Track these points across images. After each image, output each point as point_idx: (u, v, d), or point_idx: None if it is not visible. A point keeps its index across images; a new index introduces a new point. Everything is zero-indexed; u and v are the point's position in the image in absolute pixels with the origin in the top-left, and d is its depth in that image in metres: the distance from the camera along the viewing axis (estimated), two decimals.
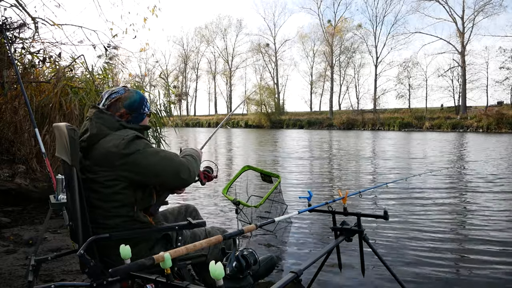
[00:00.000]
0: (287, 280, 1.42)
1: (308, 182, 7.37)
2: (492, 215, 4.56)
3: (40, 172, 4.91)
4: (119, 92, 1.79)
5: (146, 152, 1.63)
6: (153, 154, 1.64)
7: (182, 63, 62.93)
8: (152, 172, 1.63)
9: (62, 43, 5.55)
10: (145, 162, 1.62)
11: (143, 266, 1.18)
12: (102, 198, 1.63)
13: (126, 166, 1.60)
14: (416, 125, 34.42)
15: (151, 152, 1.65)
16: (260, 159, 11.90)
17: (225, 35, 59.25)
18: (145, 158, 1.62)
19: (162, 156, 1.66)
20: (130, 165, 1.60)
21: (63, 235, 3.60)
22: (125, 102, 1.76)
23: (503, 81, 37.35)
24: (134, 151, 1.61)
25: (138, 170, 1.62)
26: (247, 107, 48.38)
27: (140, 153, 1.62)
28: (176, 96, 48.83)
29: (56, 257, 2.10)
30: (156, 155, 1.65)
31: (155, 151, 1.67)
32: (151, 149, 1.67)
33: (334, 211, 2.20)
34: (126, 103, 1.76)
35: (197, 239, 1.91)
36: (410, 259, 3.18)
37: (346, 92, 49.81)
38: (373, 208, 5.05)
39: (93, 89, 5.18)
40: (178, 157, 1.73)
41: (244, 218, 3.62)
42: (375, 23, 46.03)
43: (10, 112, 5.16)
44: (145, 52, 41.82)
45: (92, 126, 1.68)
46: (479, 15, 38.18)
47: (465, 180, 7.43)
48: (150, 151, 1.65)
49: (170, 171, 1.66)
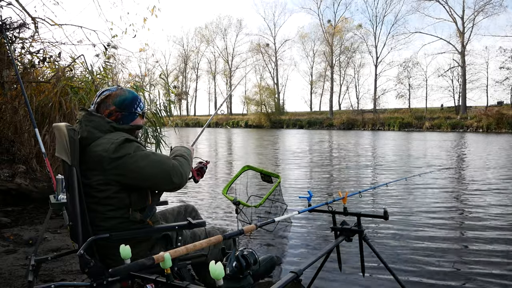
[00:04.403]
0: (287, 280, 1.42)
1: (308, 182, 7.37)
2: (492, 215, 4.56)
3: (40, 172, 4.91)
4: (111, 89, 1.78)
5: (136, 156, 1.60)
6: (144, 158, 1.61)
7: (182, 63, 63.01)
8: (142, 176, 1.60)
9: (62, 43, 5.56)
10: (135, 166, 1.59)
11: (143, 266, 1.18)
12: (97, 202, 1.63)
13: (116, 170, 1.58)
14: (416, 125, 34.41)
15: (141, 155, 1.61)
16: (260, 159, 11.90)
17: (225, 35, 59.35)
18: (135, 162, 1.59)
19: (153, 159, 1.62)
20: (120, 169, 1.58)
21: (63, 235, 3.60)
22: (115, 99, 1.74)
23: (503, 81, 37.36)
24: (124, 155, 1.58)
25: (128, 174, 1.59)
26: (247, 107, 48.40)
27: (130, 157, 1.59)
28: (176, 96, 48.80)
29: (56, 257, 2.10)
30: (147, 159, 1.61)
31: (146, 154, 1.63)
32: (142, 152, 1.63)
33: (334, 211, 2.20)
34: (117, 100, 1.74)
35: (197, 239, 1.91)
36: (410, 259, 3.17)
37: (346, 92, 49.90)
38: (373, 208, 5.05)
39: (93, 89, 5.18)
40: (169, 160, 1.67)
41: (244, 218, 3.62)
42: (375, 23, 46.06)
43: (10, 112, 5.16)
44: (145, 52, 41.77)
45: (82, 129, 1.66)
46: (479, 15, 38.21)
47: (465, 180, 7.43)
48: (140, 154, 1.61)
49: (161, 175, 1.62)
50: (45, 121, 5.00)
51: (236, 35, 61.23)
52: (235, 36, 61.79)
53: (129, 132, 1.74)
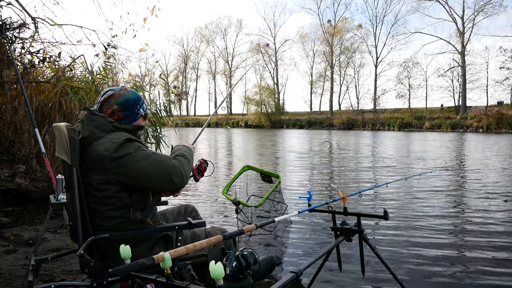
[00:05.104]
0: (287, 280, 1.42)
1: (308, 182, 7.37)
2: (492, 215, 4.56)
3: (40, 172, 4.91)
4: (115, 89, 1.78)
5: (137, 156, 1.60)
6: (144, 158, 1.61)
7: (182, 63, 63.03)
8: (143, 176, 1.60)
9: (62, 43, 5.56)
10: (135, 166, 1.59)
11: (143, 266, 1.18)
12: (97, 201, 1.63)
13: (117, 169, 1.58)
14: (416, 125, 34.42)
15: (142, 155, 1.61)
16: (260, 159, 11.90)
17: (225, 35, 59.38)
18: (136, 161, 1.59)
19: (154, 159, 1.62)
20: (121, 168, 1.58)
21: (63, 235, 3.60)
22: (118, 99, 1.74)
23: (503, 81, 37.39)
24: (125, 155, 1.58)
25: (129, 174, 1.59)
26: (247, 107, 48.40)
27: (131, 156, 1.59)
28: (176, 96, 48.80)
29: (56, 257, 2.10)
30: (148, 159, 1.61)
31: (147, 154, 1.63)
32: (143, 152, 1.63)
33: (334, 211, 2.20)
34: (120, 100, 1.74)
35: (197, 239, 1.91)
36: (410, 259, 3.17)
37: (346, 92, 49.93)
38: (373, 208, 5.05)
39: (93, 89, 5.19)
40: (170, 160, 1.67)
41: (244, 218, 3.62)
42: (375, 23, 46.11)
43: (10, 112, 5.16)
44: (145, 52, 41.81)
45: (84, 129, 1.66)
46: (479, 15, 38.25)
47: (465, 179, 7.43)
48: (141, 154, 1.61)
49: (162, 175, 1.61)
50: (45, 121, 5.00)
51: (236, 35, 61.40)
52: (235, 36, 61.95)
53: (131, 132, 1.74)
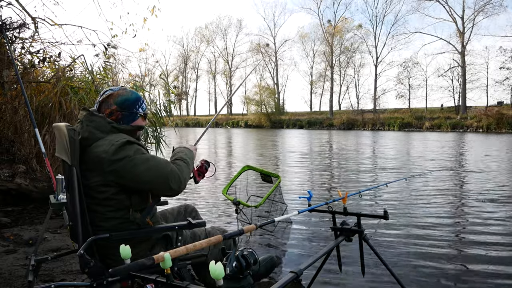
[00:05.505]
0: (287, 280, 1.42)
1: (308, 182, 7.37)
2: (492, 215, 4.56)
3: (40, 172, 4.91)
4: (114, 89, 1.78)
5: (135, 159, 1.59)
6: (143, 162, 1.60)
7: (182, 63, 63.05)
8: (141, 180, 1.60)
9: (62, 43, 5.56)
10: (134, 170, 1.58)
11: (143, 266, 1.18)
12: (96, 203, 1.63)
13: (115, 172, 1.58)
14: (416, 125, 34.42)
15: (140, 159, 1.60)
16: (260, 159, 11.90)
17: (225, 35, 59.40)
18: (135, 165, 1.58)
19: (152, 164, 1.61)
20: (119, 171, 1.58)
21: (63, 235, 3.60)
22: (117, 98, 1.74)
23: (503, 81, 37.38)
24: (123, 157, 1.58)
25: (127, 177, 1.59)
26: (247, 107, 48.40)
27: (130, 160, 1.58)
28: (176, 96, 48.81)
29: (56, 257, 2.10)
30: (146, 163, 1.60)
31: (146, 158, 1.62)
32: (142, 156, 1.62)
33: (334, 211, 2.20)
34: (118, 99, 1.74)
35: (197, 239, 1.91)
36: (410, 259, 3.17)
37: (346, 92, 49.93)
38: (373, 208, 5.05)
39: (93, 89, 5.18)
40: (168, 165, 1.65)
41: (244, 218, 3.62)
42: (375, 23, 46.11)
43: (10, 112, 5.16)
44: (145, 52, 41.81)
45: (83, 129, 1.66)
46: (479, 15, 38.25)
47: (465, 180, 7.43)
48: (140, 158, 1.60)
49: (160, 180, 1.61)
50: (45, 121, 5.00)
51: (236, 35, 61.48)
52: (235, 36, 62.05)
53: (130, 132, 1.74)
